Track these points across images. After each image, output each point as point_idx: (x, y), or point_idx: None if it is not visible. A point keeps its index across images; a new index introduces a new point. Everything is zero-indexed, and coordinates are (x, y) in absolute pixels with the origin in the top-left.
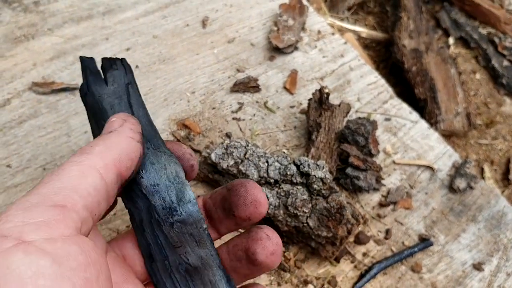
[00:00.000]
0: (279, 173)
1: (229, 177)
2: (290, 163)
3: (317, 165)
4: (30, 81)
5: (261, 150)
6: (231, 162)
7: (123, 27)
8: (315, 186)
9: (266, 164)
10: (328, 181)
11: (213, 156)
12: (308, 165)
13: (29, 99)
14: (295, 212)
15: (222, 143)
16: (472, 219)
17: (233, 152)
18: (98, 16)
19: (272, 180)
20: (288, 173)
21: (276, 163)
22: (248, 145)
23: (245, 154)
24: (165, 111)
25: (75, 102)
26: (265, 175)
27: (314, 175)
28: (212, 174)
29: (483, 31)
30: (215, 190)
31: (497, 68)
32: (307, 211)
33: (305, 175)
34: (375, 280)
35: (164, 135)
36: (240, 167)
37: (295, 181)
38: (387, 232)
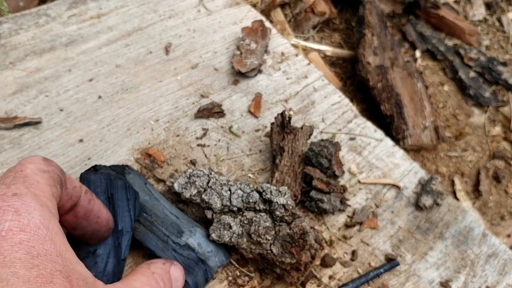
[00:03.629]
0: (242, 200)
1: (193, 206)
2: (252, 191)
3: (279, 191)
4: None
5: (224, 178)
6: (194, 191)
7: (86, 58)
8: (277, 212)
9: (229, 193)
10: (290, 207)
11: (176, 186)
12: (271, 191)
13: None
14: (258, 239)
15: (185, 172)
16: (439, 236)
17: (195, 181)
18: (61, 48)
19: (235, 208)
20: (251, 200)
21: (239, 191)
22: (211, 173)
23: (208, 183)
24: (129, 140)
25: (38, 136)
26: (228, 203)
27: (276, 202)
28: (176, 204)
29: (449, 43)
30: None
31: (464, 79)
32: (270, 238)
33: (268, 201)
34: None
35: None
36: (203, 196)
37: (258, 208)
38: (353, 253)
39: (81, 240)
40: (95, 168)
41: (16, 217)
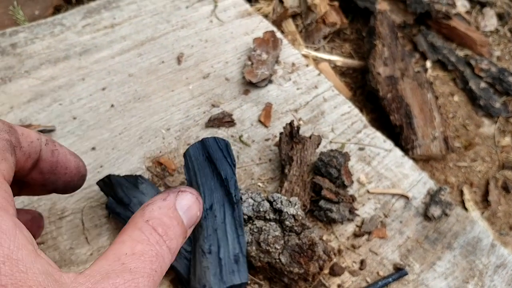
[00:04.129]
0: (253, 209)
1: None
2: (263, 200)
3: (290, 201)
4: None
5: None
6: None
7: (99, 67)
8: (287, 222)
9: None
10: (300, 217)
11: None
12: (281, 201)
13: None
14: (267, 248)
15: None
16: (447, 246)
17: None
18: (75, 57)
19: (245, 217)
20: (261, 209)
21: (250, 200)
22: None
23: None
24: (140, 149)
25: None
26: None
27: (287, 212)
28: None
29: (460, 53)
30: None
31: (474, 90)
32: (279, 247)
33: (278, 211)
34: None
35: (140, 173)
36: None
37: (268, 217)
38: (362, 262)
39: (56, 193)
40: (109, 178)
41: None
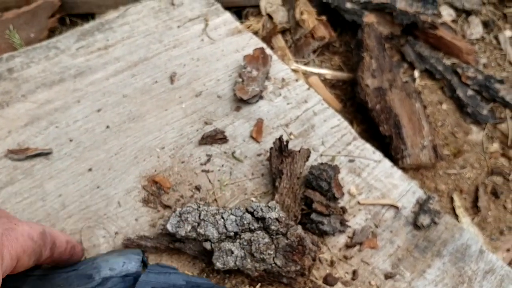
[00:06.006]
0: (237, 224)
1: (189, 242)
2: (244, 213)
3: (269, 207)
4: (5, 149)
5: (214, 208)
6: (189, 228)
7: (94, 88)
8: (272, 227)
9: (222, 220)
10: (283, 219)
11: (169, 227)
12: (261, 209)
13: (5, 167)
14: (261, 256)
15: (174, 211)
16: (437, 254)
17: (187, 217)
18: (70, 79)
19: (232, 233)
20: (245, 222)
21: (232, 216)
22: (199, 207)
23: (199, 216)
24: (136, 168)
25: (49, 167)
26: (224, 230)
27: (269, 217)
28: (172, 244)
29: (447, 62)
30: None
31: (462, 98)
32: (272, 252)
33: (261, 219)
34: None
35: (136, 192)
36: (199, 229)
37: (253, 227)
38: (354, 273)
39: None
40: None
41: None
